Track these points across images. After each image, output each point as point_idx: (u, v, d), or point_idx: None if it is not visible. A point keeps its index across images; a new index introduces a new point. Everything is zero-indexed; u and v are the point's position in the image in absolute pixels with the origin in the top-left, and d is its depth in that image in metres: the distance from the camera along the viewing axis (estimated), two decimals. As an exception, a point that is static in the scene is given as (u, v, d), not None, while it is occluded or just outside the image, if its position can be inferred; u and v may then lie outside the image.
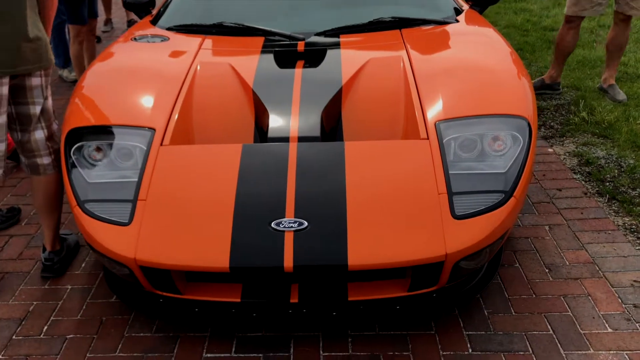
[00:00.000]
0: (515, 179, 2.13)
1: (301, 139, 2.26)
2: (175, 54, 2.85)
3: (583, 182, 3.40)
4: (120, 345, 2.26)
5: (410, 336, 2.29)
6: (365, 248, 1.93)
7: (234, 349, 2.24)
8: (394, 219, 1.99)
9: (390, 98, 2.54)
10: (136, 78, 2.60)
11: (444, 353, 2.21)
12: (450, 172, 2.14)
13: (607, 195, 3.24)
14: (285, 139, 2.26)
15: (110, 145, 2.27)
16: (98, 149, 2.27)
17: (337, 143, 2.24)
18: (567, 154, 3.75)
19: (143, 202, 2.06)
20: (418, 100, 2.41)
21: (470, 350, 2.23)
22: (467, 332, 2.31)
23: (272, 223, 1.98)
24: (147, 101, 2.44)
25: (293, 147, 2.22)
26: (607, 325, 2.33)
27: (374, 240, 1.94)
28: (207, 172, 2.15)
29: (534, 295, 2.50)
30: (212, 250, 1.93)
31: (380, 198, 2.04)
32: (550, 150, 3.82)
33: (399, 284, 2.13)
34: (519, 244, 2.84)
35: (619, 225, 2.98)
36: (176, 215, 2.02)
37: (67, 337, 2.32)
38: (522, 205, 2.24)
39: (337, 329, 2.31)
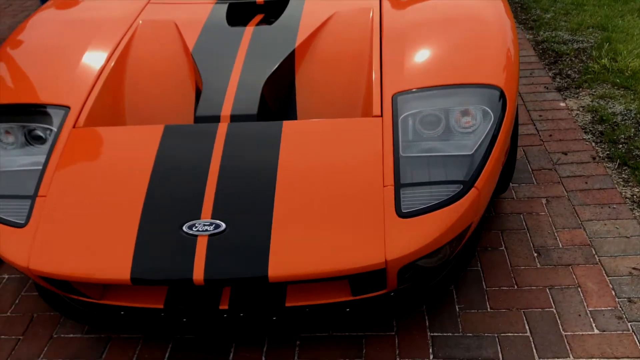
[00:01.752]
0: (479, 164, 1.77)
1: (234, 118, 1.95)
2: (115, 9, 2.52)
3: (593, 144, 2.96)
4: (45, 349, 2.09)
5: (367, 339, 2.03)
6: (289, 256, 1.63)
7: (168, 354, 2.04)
8: (327, 220, 1.69)
9: (353, 63, 2.17)
10: (60, 46, 2.31)
11: (401, 360, 1.96)
12: (404, 154, 1.79)
13: (618, 161, 2.81)
14: (216, 119, 1.95)
15: (22, 127, 2.02)
16: (7, 132, 2.02)
17: (274, 123, 1.91)
18: (581, 109, 3.29)
19: (42, 199, 1.81)
20: (379, 67, 2.04)
21: (431, 357, 1.95)
22: (432, 334, 2.03)
23: (185, 226, 1.70)
24: (67, 73, 2.15)
25: (222, 129, 1.91)
26: (593, 325, 2.00)
27: (300, 247, 1.65)
28: (119, 161, 1.87)
29: (515, 287, 2.18)
30: (113, 259, 1.68)
31: (315, 194, 1.73)
32: (562, 104, 3.36)
33: (343, 286, 1.85)
34: (509, 222, 2.50)
35: (626, 198, 2.57)
36: (78, 216, 1.76)
37: (-4, 337, 2.18)
38: (488, 196, 1.89)
39: (282, 332, 2.07)
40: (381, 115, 1.89)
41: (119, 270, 1.66)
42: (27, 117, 2.04)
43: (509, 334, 2.00)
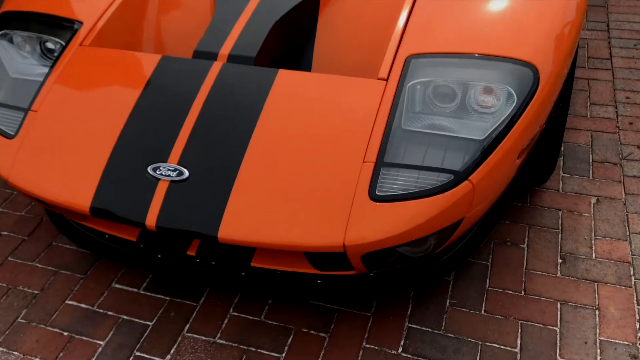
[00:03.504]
0: (481, 154, 1.50)
1: (232, 59, 1.78)
2: None
3: (680, 143, 2.50)
4: (42, 254, 2.17)
5: (340, 314, 1.90)
6: (243, 220, 1.50)
7: (144, 285, 2.03)
8: (293, 189, 1.52)
9: (385, 13, 1.91)
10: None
11: (366, 346, 1.81)
12: (405, 127, 1.56)
13: (702, 169, 2.36)
14: (213, 56, 1.80)
15: (38, 37, 1.99)
16: (25, 41, 2.01)
17: (268, 71, 1.73)
18: (682, 97, 2.77)
19: (33, 114, 1.79)
20: (405, 22, 1.76)
21: (399, 350, 1.79)
22: (410, 325, 1.86)
23: (150, 167, 1.61)
24: (88, -14, 2.08)
25: (215, 69, 1.75)
26: (599, 357, 1.73)
27: (257, 212, 1.51)
28: (110, 87, 1.79)
29: (522, 293, 1.93)
30: (78, 186, 1.63)
31: (288, 157, 1.56)
32: (659, 87, 2.85)
33: (314, 257, 1.71)
34: (542, 217, 2.19)
35: (695, 217, 2.16)
36: (59, 138, 1.72)
37: (2, 233, 2.29)
38: (493, 192, 1.61)
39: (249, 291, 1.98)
40: (387, 79, 1.65)
41: (81, 200, 1.63)
42: (44, 27, 2.01)
43: (495, 345, 1.78)
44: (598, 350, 1.75)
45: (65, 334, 1.90)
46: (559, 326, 1.82)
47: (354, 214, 1.47)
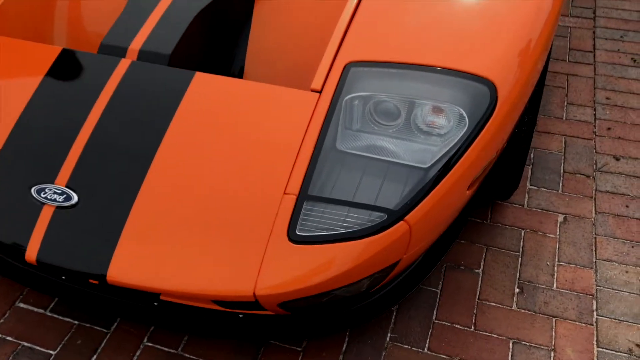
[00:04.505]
0: (422, 189, 1.27)
1: (142, 56, 1.52)
2: None
3: (660, 154, 2.29)
4: None
5: (267, 348, 1.69)
6: (138, 258, 1.27)
7: (51, 306, 1.80)
8: (199, 224, 1.28)
9: (324, 12, 1.64)
10: None
11: (292, 387, 1.62)
12: (338, 148, 1.32)
13: (681, 188, 2.15)
14: (122, 52, 1.53)
15: None
16: None
17: (183, 74, 1.46)
18: (666, 100, 2.55)
19: None
20: (347, 21, 1.50)
21: (328, 393, 1.61)
22: (344, 362, 1.67)
23: (34, 188, 1.36)
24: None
25: (122, 68, 1.49)
26: (547, 412, 1.55)
27: (155, 248, 1.27)
28: (2, 83, 1.53)
29: (472, 328, 1.73)
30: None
31: (195, 184, 1.31)
32: (643, 87, 2.62)
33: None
34: (502, 237, 1.97)
35: (669, 244, 1.97)
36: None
37: None
38: (432, 233, 1.39)
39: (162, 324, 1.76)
40: (320, 91, 1.40)
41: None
42: None
43: (435, 392, 1.60)
44: (549, 401, 1.58)
45: (-43, 361, 1.69)
46: (508, 370, 1.64)
47: (268, 258, 1.24)
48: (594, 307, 1.77)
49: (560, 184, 2.16)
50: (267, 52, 1.69)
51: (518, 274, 1.86)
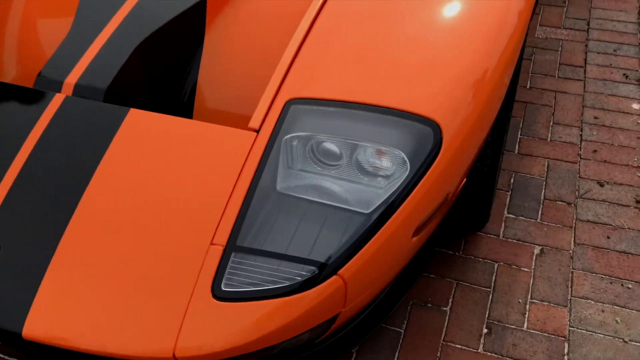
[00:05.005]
0: (357, 240, 1.18)
1: (78, 90, 1.44)
2: None
3: (647, 180, 2.16)
4: None
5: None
6: (56, 314, 1.19)
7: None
8: (123, 272, 1.20)
9: (273, 42, 1.55)
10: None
11: None
12: (272, 191, 1.24)
13: (667, 218, 2.03)
14: (57, 86, 1.46)
15: None
16: None
17: (117, 110, 1.38)
18: (658, 119, 2.41)
19: None
20: (293, 55, 1.41)
21: None
22: (297, 409, 1.58)
23: (-45, 235, 1.31)
24: None
25: (55, 103, 1.41)
26: None
27: (73, 303, 1.20)
28: None
29: (434, 372, 1.64)
30: None
31: (124, 228, 1.23)
32: (635, 106, 2.48)
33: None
34: (474, 271, 1.87)
35: (649, 282, 1.85)
36: None
37: None
38: (373, 284, 1.29)
39: None
40: (258, 130, 1.32)
41: None
42: None
43: None
44: None
45: None
46: (469, 420, 1.54)
47: (190, 315, 1.16)
48: (566, 351, 1.67)
49: (540, 212, 2.05)
50: (219, 83, 1.61)
51: (487, 313, 1.76)
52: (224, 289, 1.17)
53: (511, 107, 1.78)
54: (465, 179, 1.53)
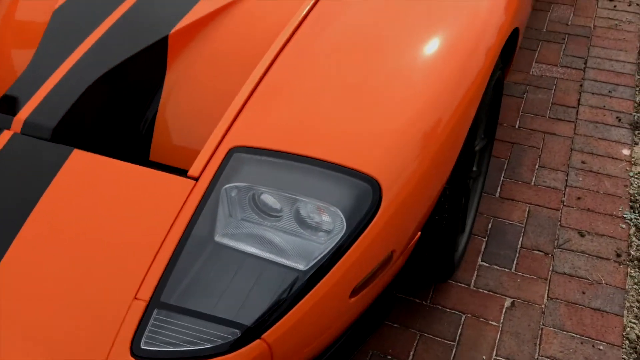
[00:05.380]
0: (288, 300, 1.13)
1: (27, 128, 1.42)
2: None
3: (631, 232, 2.06)
4: None
5: None
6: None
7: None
8: (47, 324, 1.15)
9: (238, 82, 1.52)
10: None
11: None
12: (203, 243, 1.19)
13: (646, 275, 1.93)
14: (7, 122, 1.44)
15: None
16: None
17: (60, 150, 1.36)
18: (649, 167, 2.32)
19: None
20: (241, 102, 1.38)
21: None
22: None
23: None
24: None
25: (2, 141, 1.39)
26: None
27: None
28: None
29: None
30: None
31: (51, 277, 1.20)
32: (625, 152, 2.39)
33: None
34: (440, 323, 1.79)
35: (628, 339, 1.75)
36: None
37: None
38: (304, 348, 1.23)
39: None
40: (197, 179, 1.28)
41: None
42: None
43: None
44: None
45: None
46: None
47: (106, 375, 1.13)
48: (527, 415, 1.59)
49: (515, 262, 1.97)
50: (177, 124, 1.57)
51: (448, 370, 1.70)
52: (143, 347, 1.12)
53: (471, 156, 1.70)
54: (419, 233, 1.47)
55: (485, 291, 1.89)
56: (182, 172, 1.32)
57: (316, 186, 1.22)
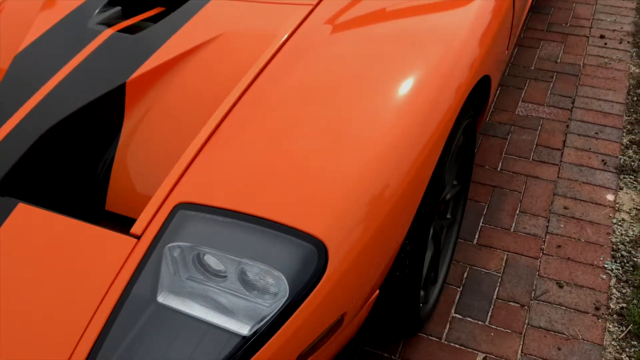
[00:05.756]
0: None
1: (-29, 179, 1.40)
2: None
3: (611, 283, 1.99)
4: None
5: None
6: None
7: None
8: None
9: (195, 126, 1.49)
10: None
11: None
12: (147, 302, 1.15)
13: (630, 327, 1.84)
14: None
15: None
16: None
17: (4, 204, 1.33)
18: (633, 215, 2.25)
19: None
20: (191, 157, 1.34)
21: None
22: None
23: None
24: None
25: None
26: None
27: None
28: None
29: None
30: None
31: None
32: (609, 197, 2.33)
33: None
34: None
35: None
36: None
37: None
38: None
39: None
40: (139, 237, 1.24)
41: None
42: None
43: None
44: None
45: None
46: None
47: None
48: None
49: (489, 314, 1.90)
50: (133, 175, 1.54)
51: None
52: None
53: (436, 207, 1.64)
54: (377, 291, 1.41)
55: (456, 345, 1.82)
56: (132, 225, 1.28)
57: (260, 248, 1.17)
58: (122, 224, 1.51)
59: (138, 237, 1.24)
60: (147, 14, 1.85)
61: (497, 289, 1.99)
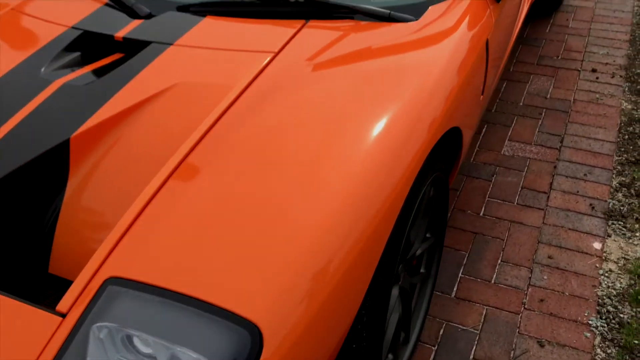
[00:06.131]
0: None
1: None
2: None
3: (596, 342, 1.87)
4: None
5: None
6: None
7: None
8: None
9: (141, 184, 1.40)
10: None
11: None
12: None
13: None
14: None
15: None
16: None
17: None
18: (621, 266, 2.13)
19: None
20: (130, 220, 1.25)
21: None
22: None
23: None
24: None
25: None
26: None
27: None
28: None
29: None
30: None
31: None
32: (596, 246, 2.22)
33: None
34: None
35: None
36: None
37: None
38: None
39: None
40: (65, 315, 1.15)
41: None
42: None
43: None
44: None
45: None
46: None
47: None
48: None
49: (464, 377, 1.79)
50: (79, 233, 1.46)
51: None
52: None
53: (389, 278, 1.52)
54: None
55: (428, 412, 1.71)
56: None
57: (190, 332, 1.07)
58: (65, 288, 1.42)
59: (63, 316, 1.15)
60: (105, 61, 1.79)
61: (474, 348, 1.87)
